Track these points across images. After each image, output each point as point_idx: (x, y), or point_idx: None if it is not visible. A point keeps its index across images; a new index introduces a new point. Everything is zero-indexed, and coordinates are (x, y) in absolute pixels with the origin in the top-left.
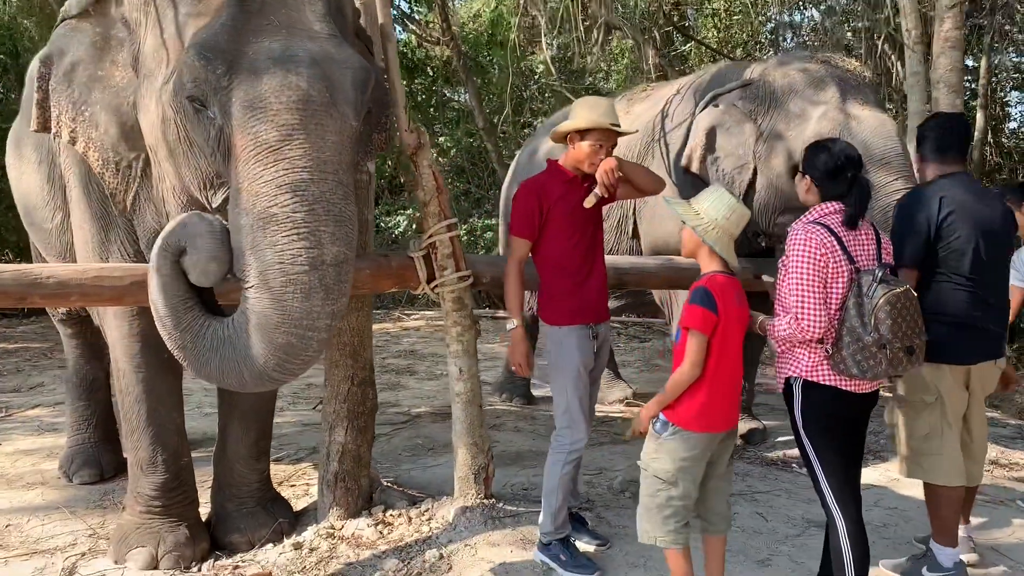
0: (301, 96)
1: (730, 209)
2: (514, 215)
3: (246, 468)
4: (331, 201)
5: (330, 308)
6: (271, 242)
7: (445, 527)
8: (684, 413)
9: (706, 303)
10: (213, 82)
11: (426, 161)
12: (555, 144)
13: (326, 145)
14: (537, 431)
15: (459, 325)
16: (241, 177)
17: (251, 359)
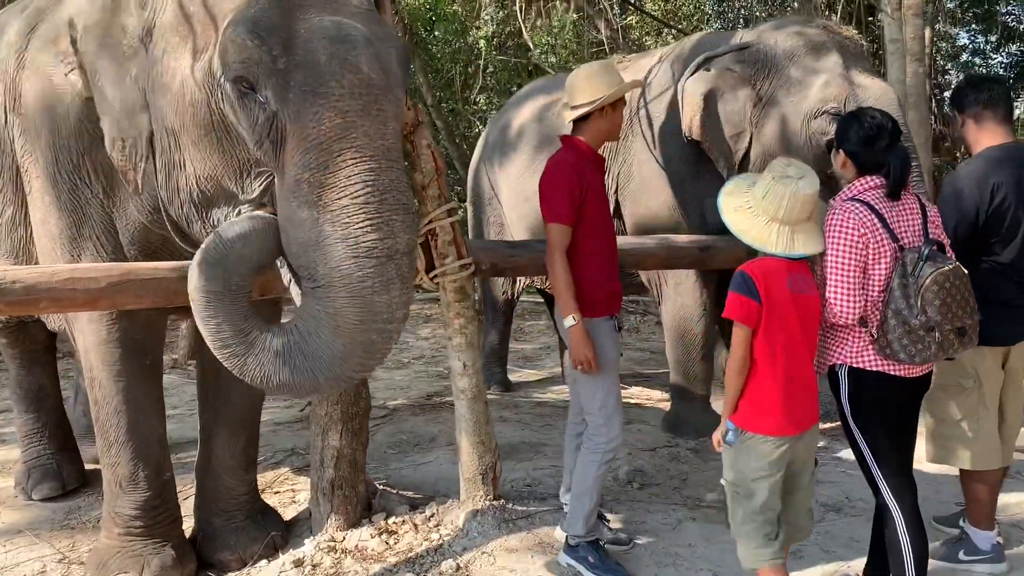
0: (363, 80)
1: (780, 197)
2: (552, 200)
3: (234, 479)
4: (399, 189)
5: (406, 298)
6: (343, 235)
7: (456, 534)
8: (746, 415)
9: (744, 290)
10: (267, 63)
11: (424, 141)
12: (529, 118)
13: (388, 131)
14: (523, 420)
15: (462, 317)
16: (301, 168)
17: (328, 362)
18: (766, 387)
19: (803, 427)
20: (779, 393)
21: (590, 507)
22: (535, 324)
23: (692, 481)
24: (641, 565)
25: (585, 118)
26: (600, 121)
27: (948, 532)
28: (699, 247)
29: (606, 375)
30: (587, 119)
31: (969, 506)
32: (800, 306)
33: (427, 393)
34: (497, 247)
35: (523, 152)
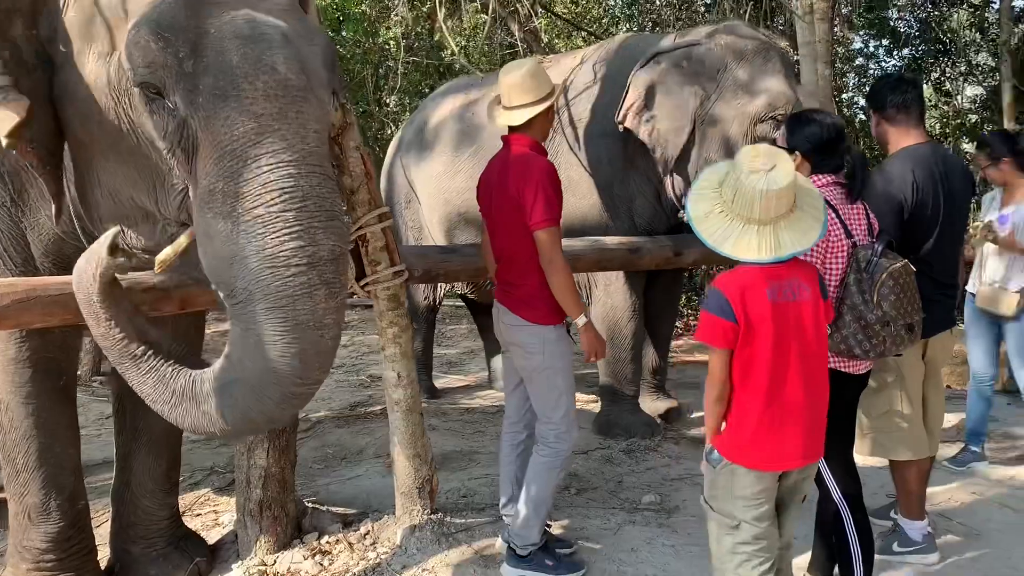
0: (279, 81)
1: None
2: (547, 202)
3: (155, 504)
4: (321, 196)
5: (334, 303)
6: (259, 246)
7: (394, 551)
8: (730, 444)
9: (716, 308)
10: (174, 67)
11: (353, 143)
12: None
13: (309, 135)
14: (453, 428)
15: (395, 325)
16: (214, 177)
17: (268, 382)
18: (747, 414)
19: (798, 463)
20: (762, 422)
21: (544, 515)
22: (456, 328)
23: (628, 484)
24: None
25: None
26: (544, 120)
27: (881, 524)
28: (628, 249)
29: (564, 382)
30: (534, 118)
31: (901, 497)
32: (788, 316)
33: (350, 404)
34: (429, 252)
35: (443, 153)
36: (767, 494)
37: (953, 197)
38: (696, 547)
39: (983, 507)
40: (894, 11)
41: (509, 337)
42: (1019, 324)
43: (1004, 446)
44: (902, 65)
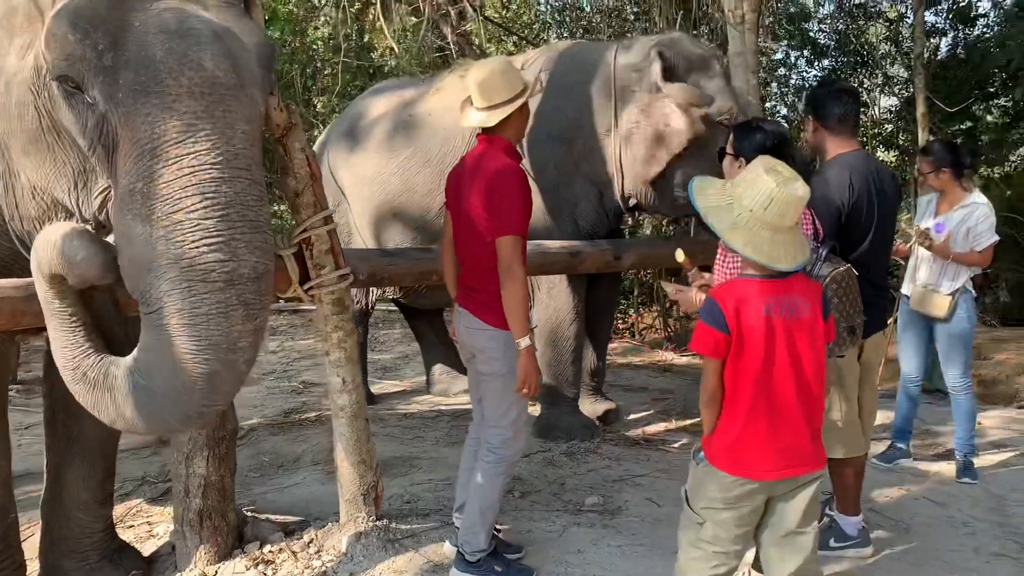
0: (205, 78)
1: (767, 196)
2: (514, 209)
3: (88, 516)
4: (246, 204)
5: (251, 326)
6: (177, 256)
7: (339, 559)
8: (713, 446)
9: (710, 319)
10: (93, 60)
11: (298, 144)
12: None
13: (236, 136)
14: (392, 434)
15: (340, 330)
16: (134, 177)
17: (174, 398)
18: (731, 422)
19: (783, 472)
20: (745, 432)
21: (491, 521)
22: (390, 333)
23: (570, 486)
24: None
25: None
26: (519, 119)
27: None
28: (569, 252)
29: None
30: (508, 118)
31: (837, 493)
32: (783, 332)
33: (284, 411)
34: (372, 255)
35: (377, 154)
36: (740, 502)
37: (885, 202)
38: (641, 547)
39: (910, 502)
40: (815, 23)
41: (470, 341)
42: (949, 326)
43: (927, 443)
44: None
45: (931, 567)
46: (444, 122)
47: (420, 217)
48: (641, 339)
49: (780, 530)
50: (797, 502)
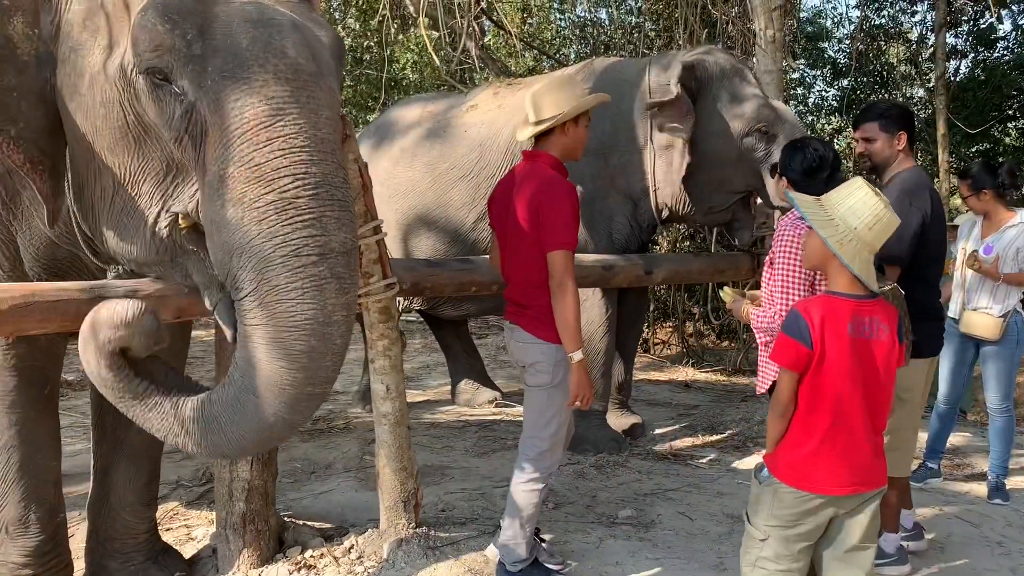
0: (290, 65)
1: (874, 217)
2: (563, 223)
3: (134, 517)
4: (334, 184)
5: (344, 299)
6: (270, 233)
7: (381, 565)
8: (779, 461)
9: (795, 332)
10: (182, 49)
11: (351, 155)
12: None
13: (321, 121)
14: (421, 443)
15: (386, 338)
16: (224, 161)
17: (278, 383)
18: (805, 438)
19: (851, 488)
20: (820, 449)
21: (531, 532)
22: (411, 344)
23: (602, 499)
24: None
25: (547, 134)
26: (562, 137)
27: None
28: (603, 266)
29: (563, 400)
30: (549, 135)
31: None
32: (862, 353)
33: (313, 417)
34: (417, 265)
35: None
36: (805, 518)
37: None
38: (678, 559)
39: (944, 521)
40: (834, 43)
41: (521, 355)
42: (997, 348)
43: (956, 463)
44: (840, 95)
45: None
46: (480, 136)
47: (454, 231)
48: (656, 354)
49: (844, 546)
50: (861, 518)
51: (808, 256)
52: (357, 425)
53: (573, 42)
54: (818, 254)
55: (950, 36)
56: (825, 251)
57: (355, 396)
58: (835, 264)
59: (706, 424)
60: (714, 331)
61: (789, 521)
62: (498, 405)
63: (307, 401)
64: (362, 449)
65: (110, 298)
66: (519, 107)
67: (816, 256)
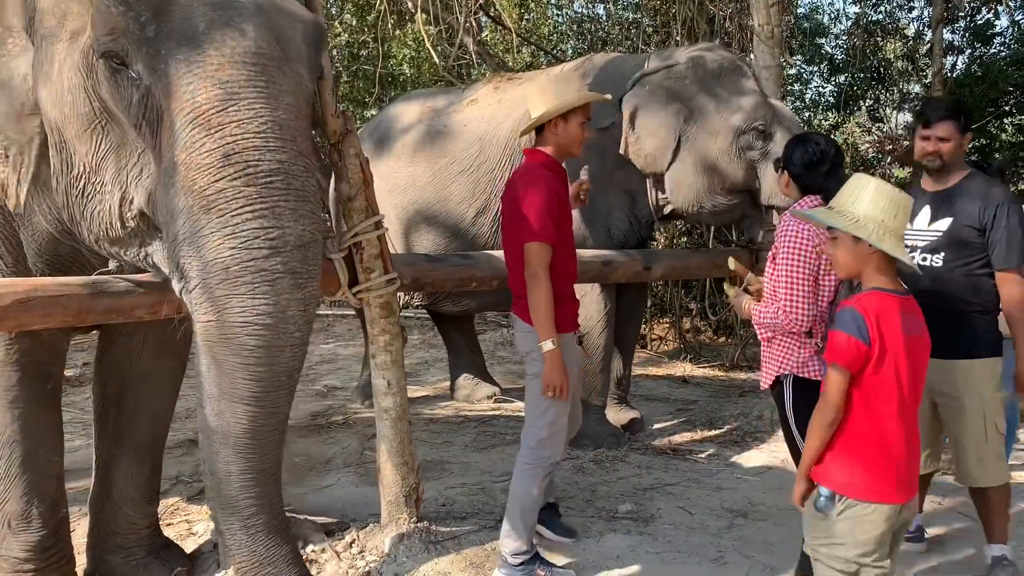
0: (247, 48)
1: (896, 205)
2: (535, 217)
3: (136, 512)
4: (291, 173)
5: (300, 294)
6: (218, 224)
7: (383, 559)
8: (853, 479)
9: (853, 329)
10: (135, 32)
11: (353, 150)
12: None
13: (280, 106)
14: (421, 438)
15: (387, 333)
16: (177, 147)
17: (234, 383)
18: (874, 444)
19: (913, 493)
20: (890, 453)
21: (532, 522)
22: (409, 339)
23: (601, 493)
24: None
25: (543, 131)
26: (553, 135)
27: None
28: (602, 261)
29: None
30: (544, 132)
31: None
32: (913, 350)
33: (309, 413)
34: (417, 261)
35: (410, 164)
36: (891, 531)
37: None
38: (679, 553)
39: (944, 516)
40: (831, 38)
41: (519, 345)
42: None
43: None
44: (837, 91)
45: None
46: (479, 131)
47: (454, 226)
48: (654, 350)
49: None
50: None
51: (842, 265)
52: (356, 421)
53: (570, 38)
54: (852, 259)
55: (947, 32)
56: (859, 254)
57: (354, 392)
58: (872, 265)
59: (704, 419)
60: (711, 327)
61: (883, 540)
62: (497, 400)
63: (274, 394)
64: (362, 444)
65: (112, 293)
66: (519, 101)
67: (851, 262)
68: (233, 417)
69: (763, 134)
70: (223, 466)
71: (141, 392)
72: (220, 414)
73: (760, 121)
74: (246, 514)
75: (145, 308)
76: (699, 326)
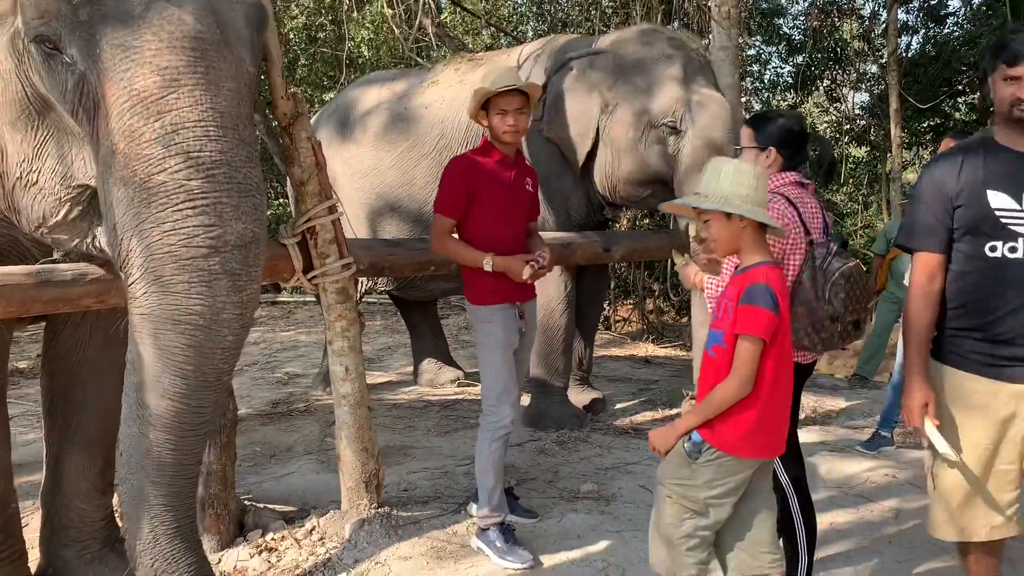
0: (186, 32)
1: (755, 178)
2: (441, 192)
3: (89, 505)
4: (233, 164)
5: (237, 297)
6: (158, 219)
7: (343, 545)
8: (729, 434)
9: (769, 302)
10: (68, 15)
11: (304, 133)
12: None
13: (222, 93)
14: (383, 423)
15: (344, 319)
16: (115, 136)
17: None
18: (760, 406)
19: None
20: (772, 413)
21: (491, 485)
22: (371, 325)
23: (563, 473)
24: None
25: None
26: (483, 126)
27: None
28: (561, 244)
29: (495, 359)
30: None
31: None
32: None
33: (270, 401)
34: (375, 245)
35: (373, 147)
36: (746, 483)
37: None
38: (640, 532)
39: (897, 487)
40: (789, 19)
41: (470, 317)
42: None
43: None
44: (795, 72)
45: (923, 549)
46: (441, 115)
47: (417, 209)
48: (617, 331)
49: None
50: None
51: (720, 244)
52: (317, 407)
53: (530, 19)
54: (727, 235)
55: (901, 12)
56: (732, 230)
57: (315, 379)
58: (747, 239)
59: (666, 399)
60: (674, 307)
61: (736, 490)
62: (460, 384)
63: (200, 393)
64: (323, 431)
65: (57, 282)
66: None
67: (726, 239)
68: (156, 410)
69: (674, 129)
70: (137, 458)
71: (89, 384)
72: (144, 405)
73: (670, 118)
74: (153, 512)
75: (92, 297)
76: (662, 307)
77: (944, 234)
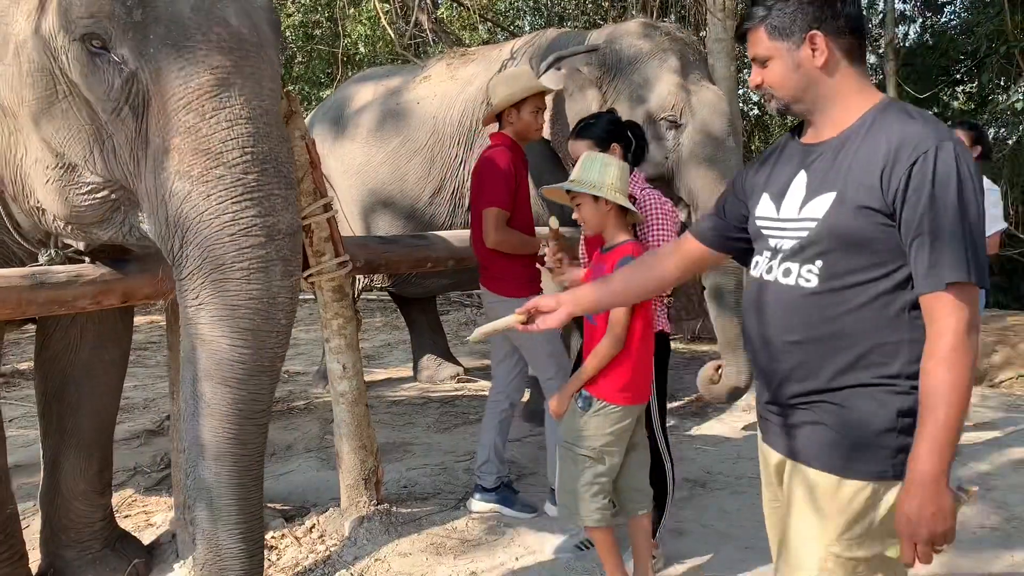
0: (232, 34)
1: (620, 170)
2: (492, 187)
3: (88, 506)
4: (279, 160)
5: (288, 282)
6: (219, 210)
7: (343, 543)
8: (609, 387)
9: None
10: (122, 16)
11: (298, 131)
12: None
13: (264, 92)
14: (383, 420)
15: (340, 317)
16: (171, 132)
17: (224, 364)
18: (631, 361)
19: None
20: (641, 366)
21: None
22: (371, 322)
23: None
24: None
25: (503, 117)
26: (510, 122)
27: None
28: None
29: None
30: (502, 119)
31: None
32: None
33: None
34: (369, 243)
35: (367, 143)
36: (630, 429)
37: None
38: None
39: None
40: None
41: (491, 313)
42: None
43: None
44: None
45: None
46: (433, 110)
47: (410, 206)
48: None
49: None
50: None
51: (590, 223)
52: (317, 405)
53: (527, 14)
54: (596, 217)
55: (899, 1)
56: (600, 212)
57: (315, 376)
58: (612, 221)
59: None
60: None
61: (622, 435)
62: (460, 380)
63: (257, 378)
64: (323, 429)
65: (53, 284)
66: (471, 78)
67: (595, 219)
68: (214, 400)
69: (674, 123)
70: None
71: (83, 385)
72: (200, 396)
73: (670, 112)
74: (217, 505)
75: (88, 299)
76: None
77: None
